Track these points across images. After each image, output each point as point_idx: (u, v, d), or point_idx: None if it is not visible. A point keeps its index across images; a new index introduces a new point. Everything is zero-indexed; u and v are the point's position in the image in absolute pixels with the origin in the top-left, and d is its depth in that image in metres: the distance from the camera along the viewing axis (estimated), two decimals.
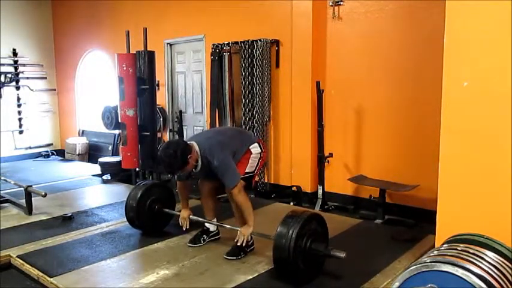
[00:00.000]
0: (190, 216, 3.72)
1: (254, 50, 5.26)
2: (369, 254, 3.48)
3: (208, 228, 3.74)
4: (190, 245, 3.67)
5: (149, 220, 3.93)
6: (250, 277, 3.09)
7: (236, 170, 3.30)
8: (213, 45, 5.68)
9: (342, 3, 4.79)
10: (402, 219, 4.34)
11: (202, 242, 3.68)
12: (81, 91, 8.42)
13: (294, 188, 5.15)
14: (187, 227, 3.73)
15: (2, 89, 7.84)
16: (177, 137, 6.48)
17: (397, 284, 2.00)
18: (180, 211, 3.81)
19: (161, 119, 6.55)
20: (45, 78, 8.51)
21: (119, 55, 5.64)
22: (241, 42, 5.39)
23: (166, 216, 4.03)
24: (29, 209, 4.59)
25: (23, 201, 4.66)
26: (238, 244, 3.35)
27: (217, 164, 3.23)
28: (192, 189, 3.84)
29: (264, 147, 3.66)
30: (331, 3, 4.86)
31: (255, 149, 3.53)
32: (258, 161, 3.57)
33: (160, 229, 4.01)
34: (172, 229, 4.05)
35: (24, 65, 8.11)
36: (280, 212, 3.34)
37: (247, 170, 3.48)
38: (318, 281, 3.03)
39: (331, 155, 4.86)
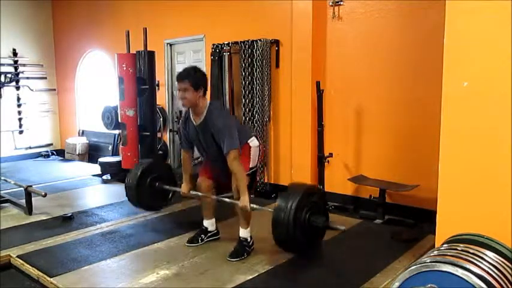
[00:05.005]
0: (191, 192, 3.72)
1: (254, 50, 5.25)
2: (369, 254, 3.49)
3: (206, 228, 3.74)
4: (188, 244, 3.67)
5: (150, 198, 3.94)
6: (250, 277, 3.08)
7: (237, 139, 3.30)
8: (213, 45, 5.67)
9: (342, 3, 4.79)
10: (402, 219, 4.34)
11: (200, 241, 3.68)
12: (81, 91, 8.42)
13: None
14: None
15: (2, 89, 7.83)
16: (177, 137, 6.48)
17: (397, 284, 2.00)
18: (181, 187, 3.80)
19: (161, 119, 6.55)
20: (45, 78, 8.50)
21: (119, 55, 5.65)
22: (241, 42, 5.39)
23: (167, 193, 4.02)
24: (29, 209, 4.59)
25: (23, 201, 4.66)
26: (245, 209, 3.33)
27: (221, 125, 3.26)
28: (192, 162, 3.82)
29: (259, 140, 3.72)
30: (331, 3, 4.86)
31: (253, 142, 3.55)
32: (259, 154, 3.61)
33: (161, 206, 4.02)
34: (172, 229, 4.06)
35: (24, 65, 8.11)
36: None
37: (250, 165, 3.52)
38: (318, 281, 3.03)
39: (331, 155, 4.86)
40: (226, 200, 3.55)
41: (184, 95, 3.30)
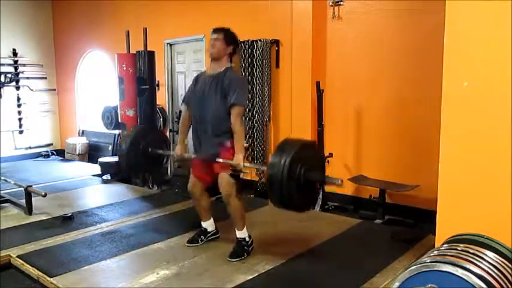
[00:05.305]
0: (185, 154, 3.69)
1: (254, 50, 5.26)
2: (369, 254, 3.48)
3: (206, 229, 3.73)
4: (188, 244, 3.67)
5: (144, 164, 3.91)
6: (250, 277, 3.08)
7: (246, 97, 3.37)
8: None
9: (342, 3, 4.79)
10: (402, 219, 4.35)
11: (200, 242, 3.68)
12: (81, 91, 8.42)
13: None
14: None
15: (2, 89, 7.84)
16: (177, 137, 6.47)
17: (397, 284, 2.00)
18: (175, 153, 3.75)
19: (161, 119, 6.55)
20: (45, 78, 8.50)
21: (119, 55, 5.65)
22: (241, 42, 5.39)
23: (160, 159, 4.01)
24: (29, 209, 4.59)
25: (23, 201, 4.66)
26: (239, 167, 3.27)
27: (236, 79, 3.36)
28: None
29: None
30: (331, 3, 4.86)
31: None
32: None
33: (154, 172, 4.01)
34: (172, 229, 4.06)
35: (24, 65, 8.11)
36: (280, 212, 3.33)
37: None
38: (317, 281, 3.03)
39: (331, 155, 4.86)
40: (221, 160, 3.32)
41: (215, 44, 3.36)
